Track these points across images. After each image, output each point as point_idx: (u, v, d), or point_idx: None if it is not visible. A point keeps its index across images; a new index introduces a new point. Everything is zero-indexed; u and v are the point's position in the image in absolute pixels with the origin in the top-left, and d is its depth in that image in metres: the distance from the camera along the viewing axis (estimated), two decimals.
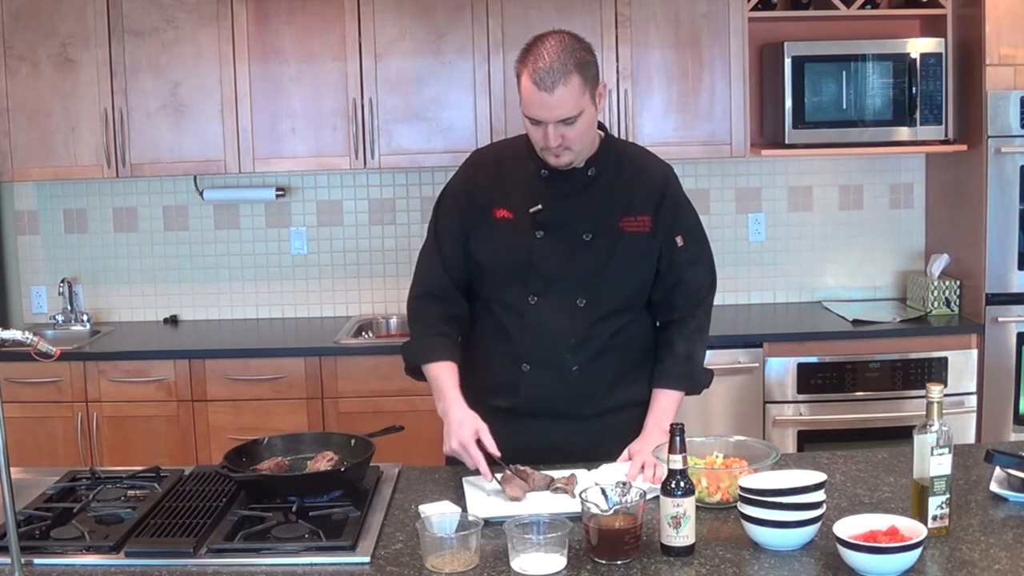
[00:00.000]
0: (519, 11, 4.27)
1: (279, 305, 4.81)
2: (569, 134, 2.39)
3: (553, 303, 2.51)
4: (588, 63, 2.37)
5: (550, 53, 2.33)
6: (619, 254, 2.51)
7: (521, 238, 2.52)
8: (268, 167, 4.42)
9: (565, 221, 2.51)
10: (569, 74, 2.33)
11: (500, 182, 2.57)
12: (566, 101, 2.34)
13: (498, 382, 2.57)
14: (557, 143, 2.39)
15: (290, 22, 4.30)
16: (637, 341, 2.61)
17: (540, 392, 2.54)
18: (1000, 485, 2.24)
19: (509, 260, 2.53)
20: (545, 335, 2.52)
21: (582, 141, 2.44)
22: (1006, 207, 4.15)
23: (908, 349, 4.18)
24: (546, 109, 2.35)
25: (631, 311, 2.59)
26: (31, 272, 4.82)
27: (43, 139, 4.36)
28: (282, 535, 2.10)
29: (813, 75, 4.26)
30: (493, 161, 2.62)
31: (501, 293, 2.56)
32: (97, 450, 4.17)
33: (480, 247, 2.56)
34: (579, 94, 2.35)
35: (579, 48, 2.37)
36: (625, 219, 2.52)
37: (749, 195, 4.74)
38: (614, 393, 2.58)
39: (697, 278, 2.61)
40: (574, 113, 2.36)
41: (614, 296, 2.54)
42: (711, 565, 1.96)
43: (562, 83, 2.32)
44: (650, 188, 2.55)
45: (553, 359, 2.53)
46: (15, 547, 1.91)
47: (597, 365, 2.54)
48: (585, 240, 2.51)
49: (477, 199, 2.57)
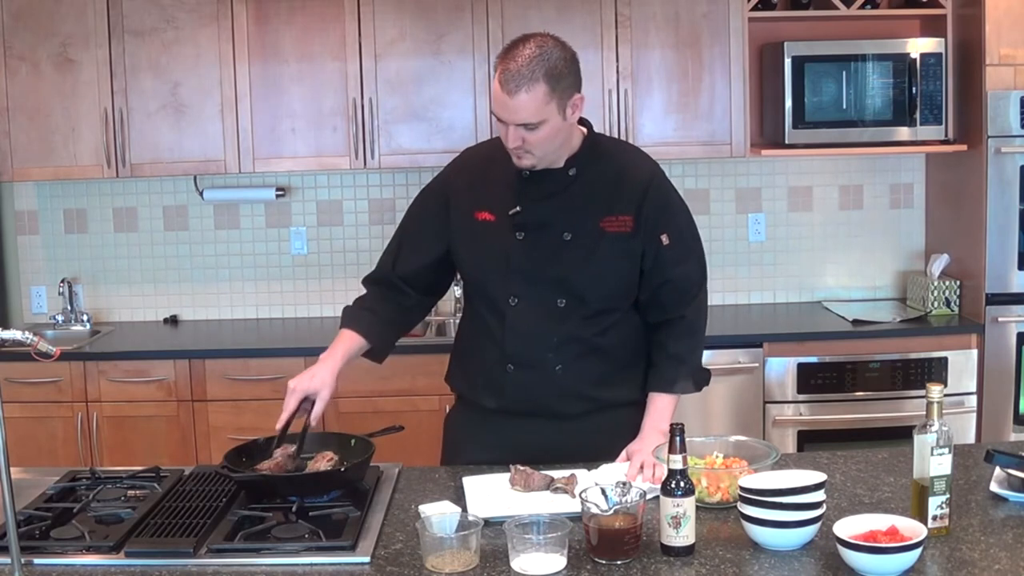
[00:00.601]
0: (519, 11, 4.27)
1: (279, 305, 4.82)
2: (530, 139, 2.38)
3: (534, 304, 2.52)
4: (562, 74, 2.35)
5: (523, 57, 2.32)
6: (599, 254, 2.50)
7: (502, 240, 2.52)
8: (268, 167, 4.43)
9: (545, 222, 2.51)
10: (535, 82, 2.31)
11: (484, 183, 2.57)
12: (526, 107, 2.33)
13: (485, 383, 2.59)
14: (515, 145, 2.40)
15: (290, 22, 4.30)
16: (626, 341, 2.60)
17: (525, 392, 2.55)
18: (1000, 485, 2.23)
19: (490, 262, 2.54)
20: (527, 336, 2.53)
21: (544, 148, 2.42)
22: (1006, 207, 4.15)
23: (908, 349, 4.18)
24: (506, 111, 2.36)
25: (617, 311, 2.58)
26: (31, 272, 4.82)
27: (43, 139, 4.36)
28: (282, 535, 2.10)
29: (813, 75, 4.26)
30: (482, 161, 2.63)
31: (484, 295, 2.58)
32: (97, 450, 4.18)
33: (463, 249, 2.58)
34: (542, 103, 2.33)
35: (558, 57, 2.35)
36: (606, 219, 2.51)
37: (749, 195, 4.74)
38: (601, 392, 2.57)
39: (685, 277, 2.58)
40: (533, 120, 2.35)
41: (595, 296, 2.53)
42: (711, 565, 1.96)
43: (525, 90, 2.31)
44: (633, 187, 2.53)
45: (536, 359, 2.53)
46: (15, 547, 1.91)
47: (581, 365, 2.54)
48: (565, 240, 2.50)
49: (457, 203, 2.58)
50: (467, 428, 2.67)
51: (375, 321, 2.62)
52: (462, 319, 2.75)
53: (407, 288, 2.65)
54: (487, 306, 2.58)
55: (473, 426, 2.65)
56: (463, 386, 2.70)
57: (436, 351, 3.83)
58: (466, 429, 2.67)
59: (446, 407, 2.79)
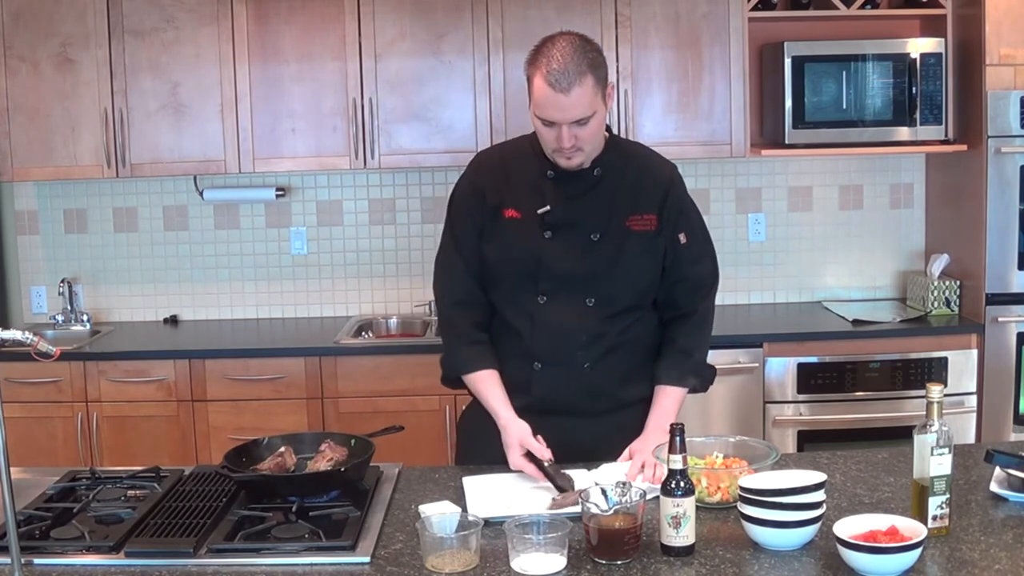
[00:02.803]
0: (519, 11, 4.27)
1: (279, 305, 4.81)
2: (582, 135, 2.41)
3: (563, 303, 2.53)
4: (599, 64, 2.40)
5: (564, 54, 2.35)
6: (627, 253, 2.53)
7: (530, 239, 2.53)
8: (268, 167, 4.42)
9: (573, 222, 2.52)
10: (583, 75, 2.34)
11: (507, 183, 2.58)
12: (581, 102, 2.36)
13: (511, 381, 2.58)
14: (571, 144, 2.41)
15: (290, 22, 4.30)
16: (645, 337, 2.63)
17: (553, 390, 2.55)
18: (1000, 485, 2.24)
19: (519, 261, 2.54)
20: (556, 334, 2.53)
21: (592, 143, 2.46)
22: (1006, 207, 4.15)
23: (908, 349, 4.18)
24: (561, 110, 2.36)
25: (640, 309, 2.60)
26: (31, 272, 4.82)
27: (43, 139, 4.36)
28: (282, 535, 2.10)
29: (813, 75, 4.25)
30: (498, 162, 2.63)
31: (511, 293, 2.57)
32: (97, 450, 4.17)
33: (491, 247, 2.58)
34: (593, 95, 2.37)
35: (590, 49, 2.40)
36: (632, 218, 2.54)
37: (749, 195, 4.74)
38: (626, 389, 2.60)
39: (700, 275, 2.63)
40: (588, 114, 2.38)
41: (623, 295, 2.55)
42: (711, 565, 1.96)
43: (577, 84, 2.34)
44: (655, 186, 2.57)
45: (564, 357, 2.54)
46: (15, 547, 1.91)
47: (608, 362, 2.56)
48: (593, 240, 2.52)
49: (487, 199, 2.57)
50: (485, 427, 2.60)
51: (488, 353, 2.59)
52: None
53: (484, 297, 2.62)
54: (513, 305, 2.57)
55: (492, 425, 2.59)
56: None
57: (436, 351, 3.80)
58: (484, 429, 2.61)
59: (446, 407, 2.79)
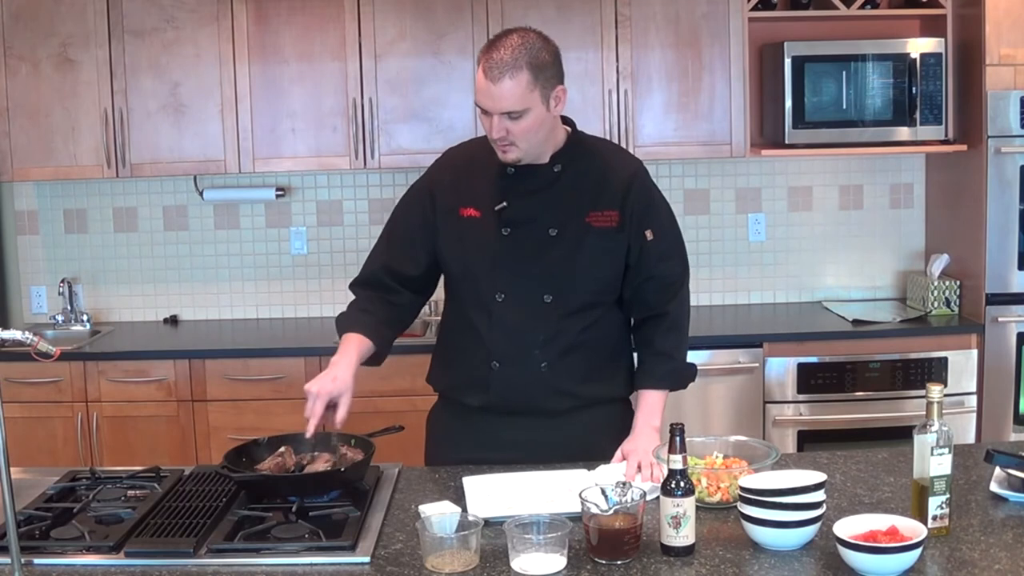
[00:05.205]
0: (519, 11, 4.27)
1: (279, 305, 4.82)
2: (514, 129, 2.40)
3: (520, 300, 2.52)
4: (545, 64, 2.39)
5: (507, 47, 2.36)
6: (586, 249, 2.51)
7: (488, 236, 2.53)
8: (268, 167, 4.42)
9: (531, 217, 2.52)
10: (519, 69, 2.35)
11: (469, 180, 2.58)
12: (512, 94, 2.36)
13: (469, 380, 2.58)
14: (500, 135, 2.41)
15: (290, 22, 4.30)
16: (609, 337, 2.61)
17: (510, 390, 2.54)
18: (1000, 485, 2.24)
19: (476, 258, 2.54)
20: (513, 332, 2.53)
21: (528, 140, 2.44)
22: (1006, 207, 4.15)
23: (908, 349, 4.18)
24: (491, 99, 2.38)
25: (601, 307, 2.58)
26: (31, 272, 4.82)
27: (43, 139, 4.36)
28: (282, 535, 2.10)
29: (813, 75, 4.26)
30: (465, 159, 2.63)
31: (470, 292, 2.58)
32: (97, 450, 4.18)
33: (448, 246, 2.58)
34: (526, 91, 2.36)
35: (541, 49, 2.39)
36: (592, 214, 2.52)
37: (749, 195, 4.74)
38: (586, 389, 2.58)
39: (669, 273, 2.60)
40: (517, 108, 2.37)
41: (582, 292, 2.54)
42: (711, 565, 1.96)
43: (509, 77, 2.35)
44: (617, 183, 2.55)
45: (522, 356, 2.53)
46: (15, 547, 1.91)
47: (567, 361, 2.54)
48: (551, 236, 2.51)
49: (438, 200, 2.58)
50: (450, 427, 2.66)
51: (373, 322, 2.60)
52: (443, 318, 2.73)
53: (399, 287, 2.64)
54: (472, 303, 2.57)
55: (456, 425, 2.64)
56: (445, 385, 2.69)
57: None
58: (449, 428, 2.66)
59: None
